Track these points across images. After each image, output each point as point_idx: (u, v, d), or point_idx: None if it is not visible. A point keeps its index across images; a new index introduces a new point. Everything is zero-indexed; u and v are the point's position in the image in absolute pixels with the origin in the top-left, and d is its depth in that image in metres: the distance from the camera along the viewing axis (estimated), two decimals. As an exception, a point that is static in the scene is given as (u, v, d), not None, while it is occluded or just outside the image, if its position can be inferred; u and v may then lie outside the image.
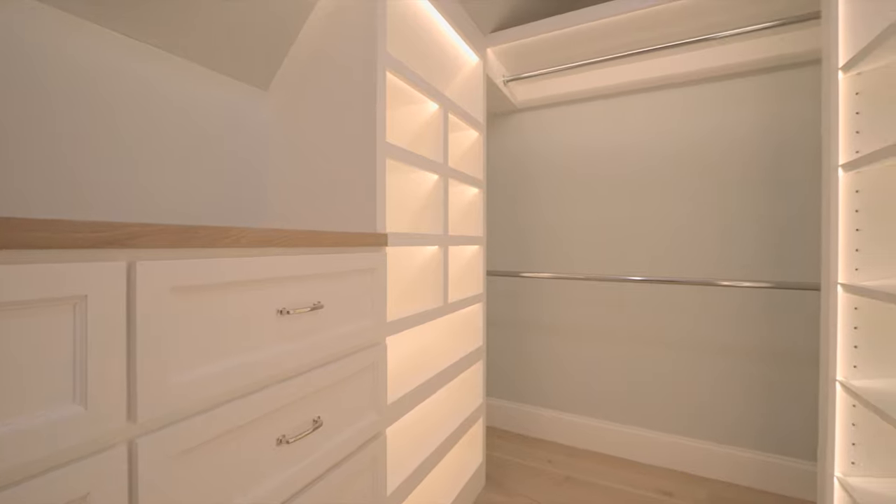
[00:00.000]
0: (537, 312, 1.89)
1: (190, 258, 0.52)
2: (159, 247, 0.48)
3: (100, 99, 0.80)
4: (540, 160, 1.90)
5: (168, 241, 0.49)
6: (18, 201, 0.70)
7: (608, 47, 1.58)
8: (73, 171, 0.76)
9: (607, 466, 1.60)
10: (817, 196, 1.41)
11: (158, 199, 0.89)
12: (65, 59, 0.75)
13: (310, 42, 1.03)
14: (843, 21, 1.03)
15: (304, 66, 1.04)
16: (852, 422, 0.98)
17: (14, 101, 0.69)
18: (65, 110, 0.75)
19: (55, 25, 0.74)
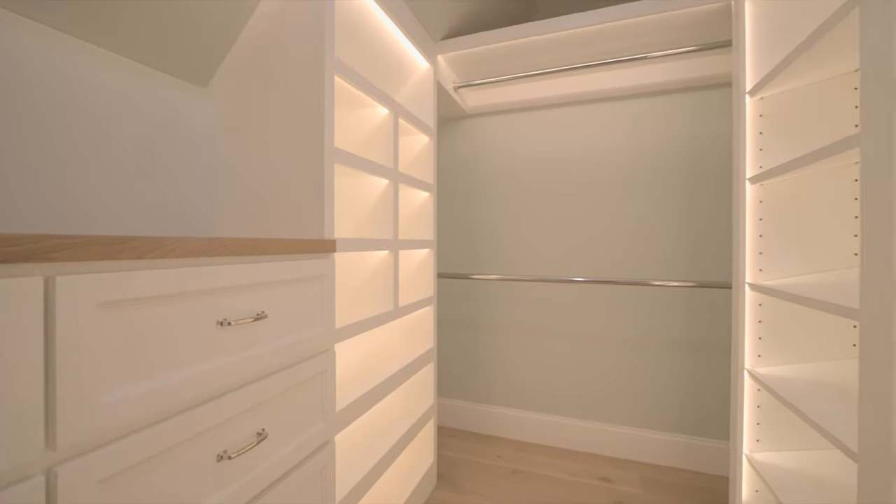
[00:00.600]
0: (488, 313, 1.95)
1: (120, 271, 0.49)
2: (85, 260, 0.45)
3: (21, 95, 0.72)
4: (490, 165, 1.95)
5: (95, 253, 0.46)
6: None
7: (553, 60, 1.66)
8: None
9: (552, 458, 1.68)
10: (731, 205, 1.58)
11: (87, 207, 0.82)
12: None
13: (255, 41, 0.99)
14: (750, 50, 1.16)
15: (250, 66, 1.00)
16: (757, 404, 1.11)
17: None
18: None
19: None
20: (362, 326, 1.03)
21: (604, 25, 1.38)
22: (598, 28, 1.40)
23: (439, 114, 1.97)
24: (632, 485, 1.49)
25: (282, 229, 0.95)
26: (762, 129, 1.14)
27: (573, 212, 1.81)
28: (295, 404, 0.78)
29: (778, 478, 0.98)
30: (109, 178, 0.87)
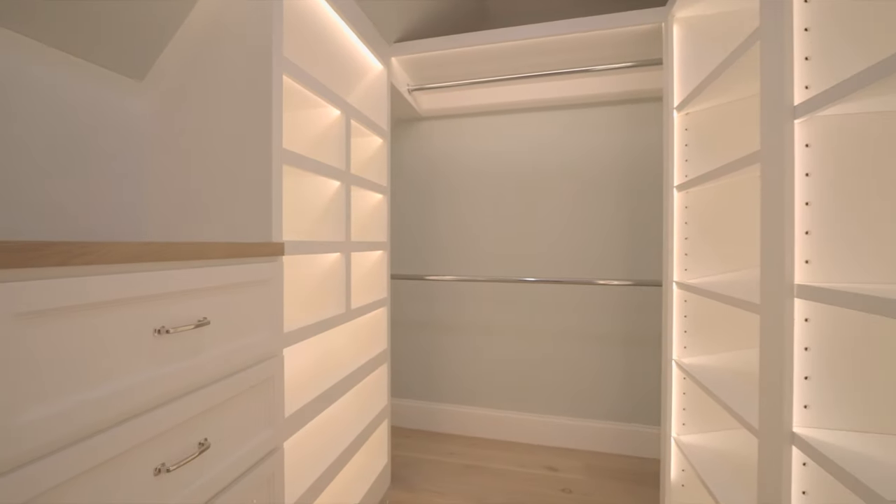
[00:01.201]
0: (441, 313, 1.98)
1: (40, 279, 0.46)
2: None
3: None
4: (444, 167, 1.98)
5: (10, 260, 0.43)
6: None
7: (504, 67, 1.71)
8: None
9: (503, 451, 1.75)
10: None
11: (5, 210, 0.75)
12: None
13: (199, 36, 0.95)
14: (678, 69, 1.27)
15: (193, 62, 0.95)
16: (683, 391, 1.23)
17: None
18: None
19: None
20: (313, 330, 1.02)
21: (549, 38, 1.45)
22: (544, 40, 1.47)
23: (395, 115, 1.97)
24: (576, 472, 1.58)
25: (227, 232, 0.91)
26: (687, 141, 1.25)
27: (523, 214, 1.88)
28: (241, 412, 0.77)
29: (700, 457, 1.09)
30: (29, 178, 0.80)
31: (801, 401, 0.67)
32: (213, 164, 0.92)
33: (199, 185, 0.94)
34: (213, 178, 0.92)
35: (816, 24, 0.68)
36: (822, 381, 0.66)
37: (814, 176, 0.68)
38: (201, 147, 0.93)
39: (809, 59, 0.69)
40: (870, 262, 0.66)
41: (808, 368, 0.67)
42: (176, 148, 0.96)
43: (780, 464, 0.68)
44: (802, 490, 0.67)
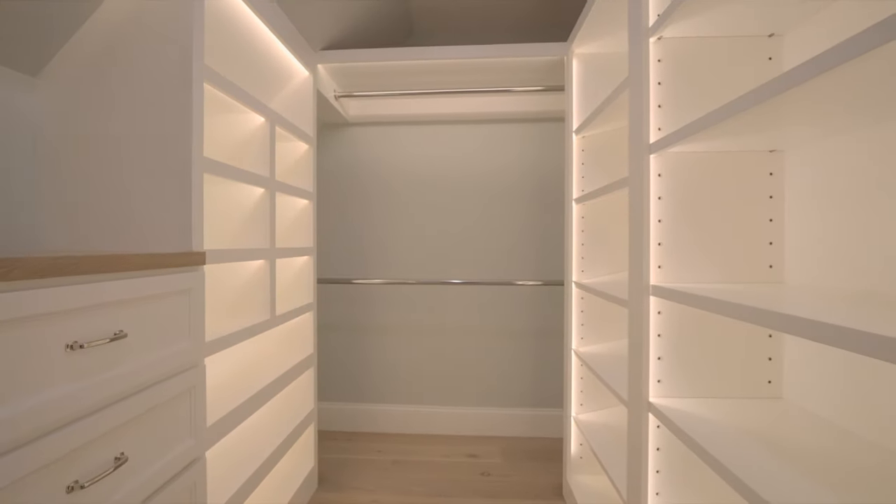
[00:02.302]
0: (370, 315, 2.02)
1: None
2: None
3: None
4: (373, 172, 2.03)
5: None
6: None
7: (429, 82, 1.81)
8: None
9: (428, 444, 1.85)
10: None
11: None
12: None
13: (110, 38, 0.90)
14: (576, 97, 1.47)
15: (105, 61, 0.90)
16: (581, 376, 1.42)
17: None
18: None
19: None
20: (236, 338, 1.02)
21: (467, 60, 1.57)
22: (463, 62, 1.59)
23: (322, 119, 1.97)
24: (494, 457, 1.73)
25: (146, 242, 0.89)
26: (584, 160, 1.45)
27: (446, 221, 2.00)
28: (161, 423, 0.76)
29: (593, 431, 1.28)
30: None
31: (656, 376, 0.85)
32: (129, 170, 0.89)
33: (114, 193, 0.90)
34: (128, 186, 0.89)
35: (666, 80, 0.87)
36: (670, 360, 0.85)
37: (664, 199, 0.86)
38: (117, 155, 0.89)
39: (662, 106, 0.87)
40: (702, 267, 0.85)
41: (660, 351, 0.85)
42: (85, 157, 0.91)
43: (641, 427, 0.85)
44: (657, 447, 0.85)
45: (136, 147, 0.88)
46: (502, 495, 1.47)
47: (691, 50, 0.86)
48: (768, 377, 0.84)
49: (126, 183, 0.89)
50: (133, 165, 0.89)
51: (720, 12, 0.77)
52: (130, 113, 0.89)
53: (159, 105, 0.87)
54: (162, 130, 0.87)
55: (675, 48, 0.86)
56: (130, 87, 0.89)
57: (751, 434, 0.69)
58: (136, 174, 0.88)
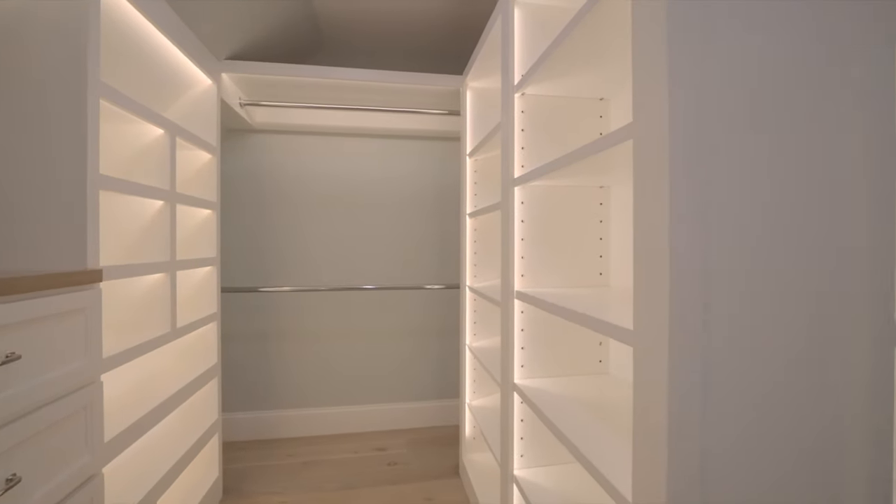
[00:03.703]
0: (280, 322, 2.03)
1: None
2: None
3: None
4: (280, 179, 2.04)
5: None
6: None
7: (338, 97, 1.89)
8: None
9: (339, 443, 1.93)
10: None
11: None
12: None
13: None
14: (469, 125, 1.68)
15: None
16: (474, 367, 1.64)
17: None
18: None
19: None
20: (134, 353, 1.02)
21: (372, 83, 1.70)
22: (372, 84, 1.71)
23: (228, 125, 1.93)
24: (401, 448, 1.88)
25: (40, 261, 0.86)
26: (476, 180, 1.67)
27: (355, 228, 2.09)
28: (56, 442, 0.77)
29: (482, 415, 1.50)
30: None
31: (519, 362, 1.07)
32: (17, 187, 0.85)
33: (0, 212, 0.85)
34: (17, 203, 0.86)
35: (528, 127, 1.09)
36: (529, 349, 1.08)
37: (526, 222, 1.09)
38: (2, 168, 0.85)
39: (524, 148, 1.10)
40: (554, 275, 1.10)
41: (523, 342, 1.07)
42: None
43: (509, 404, 1.07)
44: (521, 418, 1.07)
45: (27, 162, 0.86)
46: (406, 480, 1.62)
47: (546, 105, 1.10)
48: (599, 357, 1.12)
49: (13, 200, 0.86)
50: (21, 182, 0.86)
51: (564, 81, 1.01)
52: (20, 126, 0.86)
53: (52, 120, 0.86)
54: (55, 146, 0.86)
55: (534, 103, 1.10)
56: (19, 99, 0.86)
57: (579, 400, 0.94)
58: (26, 191, 0.86)
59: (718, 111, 0.51)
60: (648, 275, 0.53)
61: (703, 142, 0.50)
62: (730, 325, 0.51)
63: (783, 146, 0.53)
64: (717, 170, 0.51)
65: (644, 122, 0.54)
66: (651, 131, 0.53)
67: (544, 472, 1.05)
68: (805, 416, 0.53)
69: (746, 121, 0.52)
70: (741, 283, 0.51)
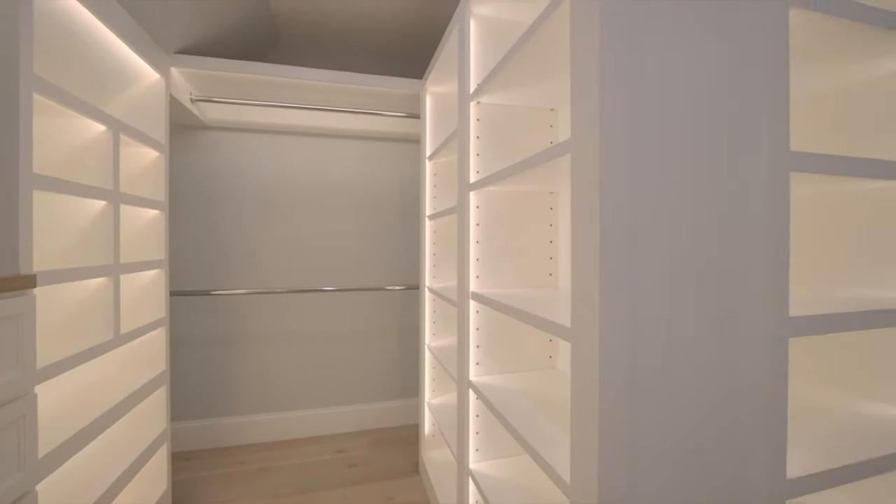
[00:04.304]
0: (235, 326, 1.97)
1: None
2: None
3: None
4: (235, 178, 1.98)
5: None
6: None
7: (296, 97, 1.86)
8: None
9: (297, 448, 1.90)
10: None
11: None
12: None
13: None
14: (429, 129, 1.71)
15: None
16: (433, 367, 1.67)
17: None
18: None
19: None
20: (73, 362, 0.97)
21: (332, 84, 1.69)
22: (330, 84, 1.70)
23: (178, 121, 1.85)
24: (361, 449, 1.88)
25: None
26: (435, 182, 1.70)
27: (319, 229, 2.07)
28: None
29: (440, 412, 1.53)
30: None
31: (475, 360, 1.11)
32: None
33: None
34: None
35: (483, 135, 1.14)
36: (484, 347, 1.12)
37: (481, 225, 1.13)
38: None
39: (479, 154, 1.14)
40: (507, 276, 1.15)
41: (478, 340, 1.12)
42: None
43: (465, 400, 1.11)
44: (476, 414, 1.11)
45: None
46: (366, 481, 1.63)
47: (500, 114, 1.15)
48: (549, 353, 1.18)
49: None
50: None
51: (517, 91, 1.06)
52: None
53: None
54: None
55: (489, 111, 1.14)
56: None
57: (530, 394, 0.99)
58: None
59: (647, 129, 0.57)
60: (583, 277, 0.58)
61: (631, 157, 0.56)
62: (654, 322, 0.57)
63: (700, 161, 0.60)
64: (643, 183, 0.57)
65: (579, 139, 0.60)
66: (585, 147, 0.58)
67: (498, 465, 1.10)
68: (715, 395, 0.61)
69: (672, 138, 0.58)
70: (663, 285, 0.58)
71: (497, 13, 1.15)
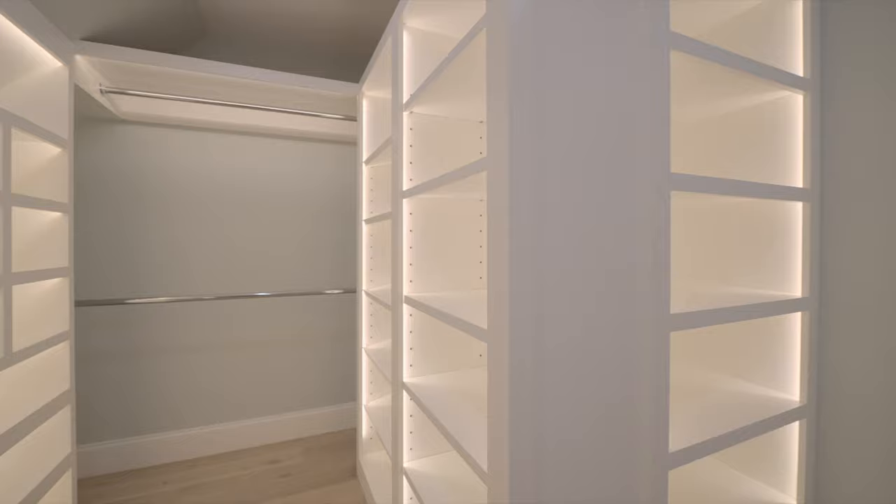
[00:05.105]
0: (158, 336, 1.83)
1: None
2: None
3: None
4: (161, 177, 1.84)
5: None
6: None
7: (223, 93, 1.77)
8: None
9: (226, 462, 1.81)
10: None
11: None
12: None
13: None
14: (366, 133, 1.72)
15: None
16: (370, 370, 1.68)
17: None
18: None
19: None
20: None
21: (266, 83, 1.64)
22: (263, 83, 1.65)
23: (86, 113, 1.68)
24: (296, 458, 1.84)
25: None
26: (372, 187, 1.71)
27: (252, 232, 1.98)
28: None
29: (378, 415, 1.55)
30: None
31: (408, 362, 1.15)
32: None
33: None
34: None
35: (416, 144, 1.18)
36: (418, 349, 1.16)
37: (414, 231, 1.17)
38: None
39: (413, 163, 1.18)
40: (440, 280, 1.20)
41: (412, 343, 1.16)
42: None
43: (398, 402, 1.14)
44: (410, 414, 1.15)
45: None
46: (301, 490, 1.60)
47: (433, 124, 1.20)
48: (479, 352, 1.25)
49: None
50: None
51: (447, 104, 1.12)
52: None
53: None
54: None
55: (422, 121, 1.19)
56: None
57: (459, 392, 1.05)
58: None
59: (550, 152, 0.64)
60: (496, 282, 0.64)
61: (537, 176, 0.63)
62: (558, 323, 0.65)
63: (597, 181, 0.68)
64: (548, 197, 0.64)
65: (493, 158, 0.66)
66: (497, 167, 0.64)
67: (431, 461, 1.14)
68: (609, 384, 0.70)
69: (572, 162, 0.66)
70: (565, 289, 0.65)
71: (429, 27, 1.19)
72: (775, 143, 0.97)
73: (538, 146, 0.64)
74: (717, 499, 0.95)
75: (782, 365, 0.96)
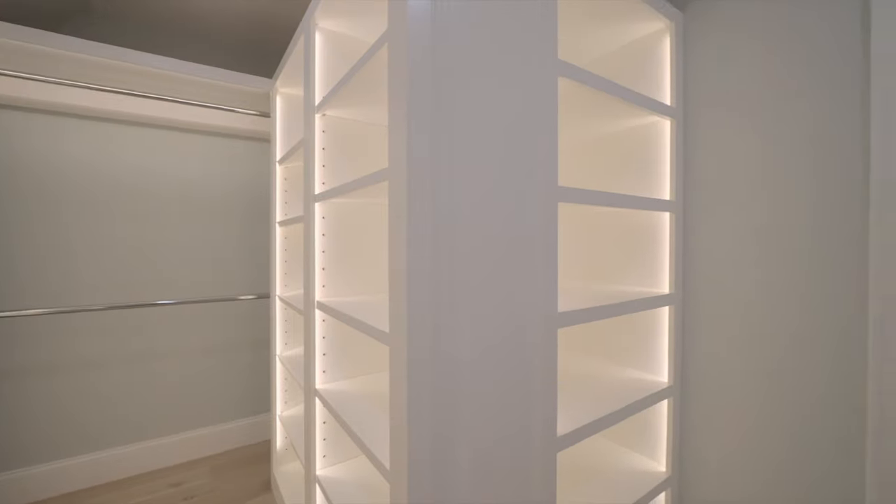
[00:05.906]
0: (41, 353, 1.57)
1: None
2: None
3: None
4: (32, 171, 1.58)
5: None
6: None
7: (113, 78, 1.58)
8: None
9: (117, 491, 1.62)
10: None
11: None
12: None
13: None
14: (279, 132, 1.65)
15: None
16: (284, 377, 1.62)
17: None
18: None
19: None
20: None
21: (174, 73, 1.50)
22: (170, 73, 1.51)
23: None
24: (201, 478, 1.70)
25: None
26: (286, 188, 1.65)
27: (154, 235, 1.79)
28: None
29: (292, 424, 1.50)
30: None
31: (321, 368, 1.13)
32: None
33: None
34: None
35: (329, 147, 1.17)
36: (331, 355, 1.15)
37: (326, 235, 1.16)
38: None
39: (325, 166, 1.16)
40: (354, 285, 1.20)
41: (324, 348, 1.14)
42: None
43: (311, 409, 1.12)
44: (323, 421, 1.13)
45: None
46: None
47: (345, 127, 1.19)
48: (395, 354, 1.27)
49: None
50: None
51: (359, 108, 1.12)
52: None
53: None
54: None
55: (335, 124, 1.18)
56: None
57: (371, 396, 1.06)
58: None
59: (447, 167, 0.68)
60: (396, 287, 0.67)
61: (435, 187, 0.67)
62: (454, 325, 0.69)
63: (492, 193, 0.74)
64: (445, 210, 0.68)
65: (393, 169, 0.68)
66: (397, 178, 0.67)
67: (344, 467, 1.14)
68: (503, 379, 0.76)
69: (470, 171, 0.71)
70: (462, 292, 0.70)
71: (341, 29, 1.18)
72: (648, 161, 1.12)
73: (436, 159, 0.67)
74: (605, 472, 1.07)
75: (654, 352, 1.12)
